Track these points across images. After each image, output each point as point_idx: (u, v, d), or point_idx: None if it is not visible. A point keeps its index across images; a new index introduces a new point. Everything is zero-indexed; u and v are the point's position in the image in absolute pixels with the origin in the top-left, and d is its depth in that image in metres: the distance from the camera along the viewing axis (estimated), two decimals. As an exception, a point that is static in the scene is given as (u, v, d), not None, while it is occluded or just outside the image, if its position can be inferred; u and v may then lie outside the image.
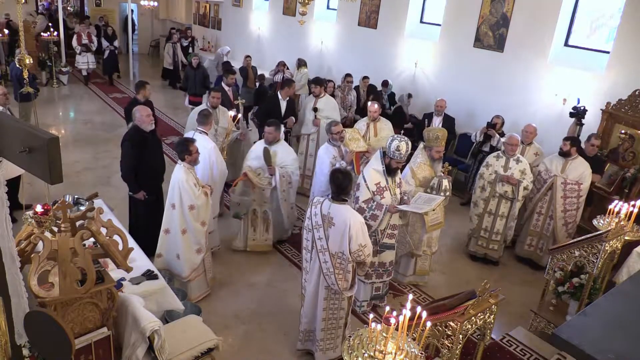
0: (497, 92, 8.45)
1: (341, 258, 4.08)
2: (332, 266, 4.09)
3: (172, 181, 4.78)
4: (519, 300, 5.67)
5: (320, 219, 4.10)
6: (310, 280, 4.28)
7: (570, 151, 6.12)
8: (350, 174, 4.23)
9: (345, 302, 4.34)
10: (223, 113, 7.00)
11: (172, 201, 4.77)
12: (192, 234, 4.83)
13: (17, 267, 2.45)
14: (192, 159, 4.82)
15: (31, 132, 2.02)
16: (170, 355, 3.55)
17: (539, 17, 7.83)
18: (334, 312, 4.32)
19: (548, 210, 6.28)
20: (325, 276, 4.14)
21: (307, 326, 4.46)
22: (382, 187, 4.80)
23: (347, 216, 4.02)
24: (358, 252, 4.06)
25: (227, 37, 15.77)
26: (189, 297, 4.92)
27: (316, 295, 4.28)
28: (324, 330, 4.35)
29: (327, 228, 4.08)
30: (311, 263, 4.26)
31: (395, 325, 2.49)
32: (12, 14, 13.85)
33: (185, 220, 4.77)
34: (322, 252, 4.11)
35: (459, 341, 3.45)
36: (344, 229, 4.00)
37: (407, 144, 4.68)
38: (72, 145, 9.24)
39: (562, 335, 2.50)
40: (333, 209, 4.06)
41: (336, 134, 5.94)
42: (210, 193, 4.99)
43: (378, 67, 10.45)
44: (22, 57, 5.80)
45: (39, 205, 3.22)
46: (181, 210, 4.74)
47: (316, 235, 4.13)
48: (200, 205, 4.79)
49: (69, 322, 3.04)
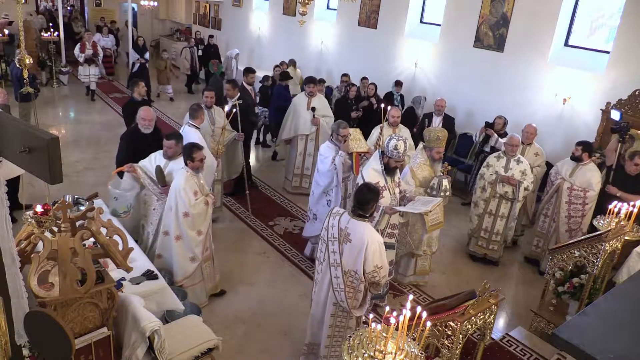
0: (497, 92, 8.45)
1: (353, 277, 3.88)
2: (342, 283, 3.88)
3: (172, 185, 4.71)
4: (519, 300, 5.67)
5: (336, 232, 3.89)
6: (319, 293, 4.09)
7: (582, 156, 5.97)
8: (378, 191, 4.00)
9: (354, 321, 4.11)
10: (219, 113, 6.81)
11: (170, 203, 4.69)
12: (186, 241, 4.69)
13: (17, 267, 2.45)
14: (194, 166, 4.66)
15: (31, 132, 2.02)
16: (170, 355, 3.55)
17: (539, 17, 7.83)
18: (339, 329, 4.11)
19: (553, 212, 6.28)
20: (335, 292, 3.96)
21: (311, 339, 4.31)
22: (381, 187, 4.79)
23: (366, 235, 3.78)
24: (373, 274, 3.84)
25: (227, 37, 15.77)
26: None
27: (324, 309, 4.09)
28: (327, 347, 4.18)
29: (343, 243, 3.87)
30: (321, 275, 4.07)
31: (395, 325, 2.49)
32: (12, 14, 13.84)
33: (180, 227, 4.65)
34: (334, 267, 3.91)
35: (459, 341, 3.45)
36: (360, 247, 3.78)
37: (404, 143, 4.69)
38: (72, 145, 9.24)
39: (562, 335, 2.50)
40: (351, 224, 3.84)
41: (343, 136, 5.87)
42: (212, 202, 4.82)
43: (378, 67, 10.46)
44: (22, 57, 5.79)
45: (39, 205, 3.21)
46: (176, 216, 4.63)
47: (330, 248, 3.93)
48: (196, 214, 4.64)
49: (69, 322, 3.04)
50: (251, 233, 6.72)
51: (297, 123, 7.78)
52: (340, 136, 5.86)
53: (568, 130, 7.48)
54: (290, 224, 7.07)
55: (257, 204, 7.46)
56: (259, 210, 7.30)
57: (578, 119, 7.50)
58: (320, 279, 4.10)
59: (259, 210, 7.30)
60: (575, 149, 6.08)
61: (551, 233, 6.28)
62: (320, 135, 7.74)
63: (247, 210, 7.16)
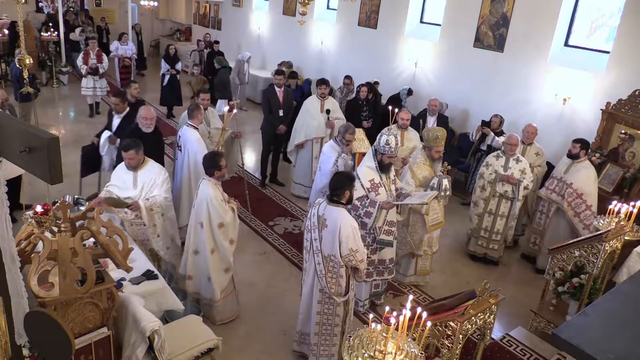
0: (497, 92, 8.45)
1: (333, 261, 4.04)
2: (324, 268, 4.06)
3: (199, 198, 4.50)
4: (519, 300, 5.67)
5: (316, 220, 4.08)
6: (307, 280, 4.27)
7: (580, 154, 6.01)
8: (352, 178, 4.19)
9: (341, 308, 4.23)
10: (212, 114, 6.82)
11: (200, 220, 4.49)
12: (221, 253, 4.61)
13: (17, 267, 2.44)
14: (221, 174, 4.56)
15: (31, 132, 2.01)
16: (170, 355, 3.55)
17: (539, 17, 7.83)
18: (328, 317, 4.25)
19: (549, 209, 6.30)
20: (319, 278, 4.12)
21: (302, 327, 4.42)
22: (377, 184, 4.81)
23: (339, 219, 3.95)
24: (349, 257, 3.98)
25: (227, 37, 15.76)
26: (217, 319, 4.79)
27: (311, 296, 4.25)
28: (317, 335, 4.29)
29: (322, 229, 4.05)
30: (308, 264, 4.26)
31: (395, 325, 2.49)
32: (12, 14, 13.83)
33: (215, 239, 4.54)
34: (316, 254, 4.10)
35: (459, 341, 3.45)
36: (334, 231, 3.96)
37: (395, 138, 4.72)
38: (72, 145, 9.22)
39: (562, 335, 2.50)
40: (327, 210, 4.04)
41: (348, 140, 5.84)
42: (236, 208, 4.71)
43: (378, 67, 10.46)
44: (22, 57, 5.79)
45: (39, 205, 3.21)
46: (210, 229, 4.50)
47: (312, 236, 4.11)
48: (229, 223, 4.56)
49: (69, 322, 3.04)
50: (251, 233, 6.72)
51: (310, 126, 7.54)
52: (345, 140, 5.85)
53: (568, 130, 7.48)
54: (290, 224, 7.08)
55: (257, 204, 7.47)
56: (259, 210, 7.30)
57: (578, 119, 7.51)
58: (307, 267, 4.26)
59: (259, 210, 7.30)
60: (572, 146, 6.09)
61: (546, 229, 6.31)
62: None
63: (247, 210, 7.16)
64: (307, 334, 4.38)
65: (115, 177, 4.84)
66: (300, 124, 7.65)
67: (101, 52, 11.09)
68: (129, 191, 4.72)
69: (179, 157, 6.03)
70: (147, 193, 4.75)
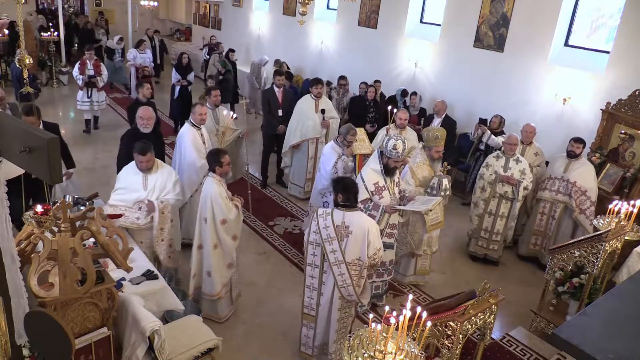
0: (497, 92, 8.45)
1: (357, 264, 4.00)
2: (349, 277, 3.96)
3: (204, 194, 4.53)
4: (519, 300, 5.66)
5: (332, 231, 3.96)
6: (324, 297, 4.16)
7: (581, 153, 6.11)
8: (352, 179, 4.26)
9: (354, 308, 4.31)
10: (221, 112, 6.83)
11: (204, 215, 4.52)
12: (224, 248, 4.64)
13: (17, 267, 2.44)
14: (223, 171, 4.57)
15: (31, 132, 2.02)
16: (170, 355, 3.55)
17: (539, 17, 7.83)
18: (344, 320, 4.27)
19: (551, 210, 6.31)
20: (340, 289, 4.02)
21: (322, 340, 4.35)
22: (381, 187, 4.79)
23: (365, 222, 3.99)
24: (374, 256, 4.03)
25: (227, 37, 15.76)
26: (221, 315, 4.83)
27: (330, 309, 4.17)
28: (336, 342, 4.26)
29: (343, 238, 3.96)
30: (321, 278, 4.12)
31: (395, 325, 2.49)
32: (12, 14, 13.82)
33: (218, 235, 4.57)
34: (336, 265, 3.96)
35: (459, 341, 3.45)
36: (363, 235, 3.93)
37: (403, 143, 4.70)
38: (72, 145, 9.20)
39: (562, 335, 2.50)
40: (348, 217, 3.96)
41: (349, 142, 5.82)
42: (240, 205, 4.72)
43: (378, 67, 10.45)
44: (22, 57, 5.79)
45: (39, 205, 3.21)
46: (213, 225, 4.53)
47: (328, 249, 3.97)
48: (232, 219, 4.59)
49: (69, 322, 3.04)
50: (251, 233, 6.72)
51: (305, 126, 7.47)
52: (346, 141, 5.84)
53: (568, 130, 7.47)
54: (290, 224, 7.08)
55: (257, 204, 7.47)
56: (259, 210, 7.30)
57: (578, 118, 7.50)
58: (318, 283, 4.14)
59: (259, 210, 7.30)
60: (576, 147, 6.13)
61: (552, 231, 6.31)
62: (330, 137, 7.52)
63: (247, 210, 7.16)
64: (326, 343, 4.35)
65: (123, 180, 4.80)
66: (295, 124, 7.57)
67: (99, 62, 9.99)
68: (139, 193, 4.72)
69: (175, 155, 6.03)
70: (158, 195, 4.76)
